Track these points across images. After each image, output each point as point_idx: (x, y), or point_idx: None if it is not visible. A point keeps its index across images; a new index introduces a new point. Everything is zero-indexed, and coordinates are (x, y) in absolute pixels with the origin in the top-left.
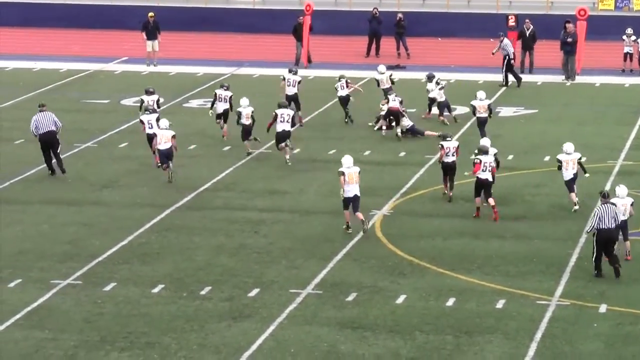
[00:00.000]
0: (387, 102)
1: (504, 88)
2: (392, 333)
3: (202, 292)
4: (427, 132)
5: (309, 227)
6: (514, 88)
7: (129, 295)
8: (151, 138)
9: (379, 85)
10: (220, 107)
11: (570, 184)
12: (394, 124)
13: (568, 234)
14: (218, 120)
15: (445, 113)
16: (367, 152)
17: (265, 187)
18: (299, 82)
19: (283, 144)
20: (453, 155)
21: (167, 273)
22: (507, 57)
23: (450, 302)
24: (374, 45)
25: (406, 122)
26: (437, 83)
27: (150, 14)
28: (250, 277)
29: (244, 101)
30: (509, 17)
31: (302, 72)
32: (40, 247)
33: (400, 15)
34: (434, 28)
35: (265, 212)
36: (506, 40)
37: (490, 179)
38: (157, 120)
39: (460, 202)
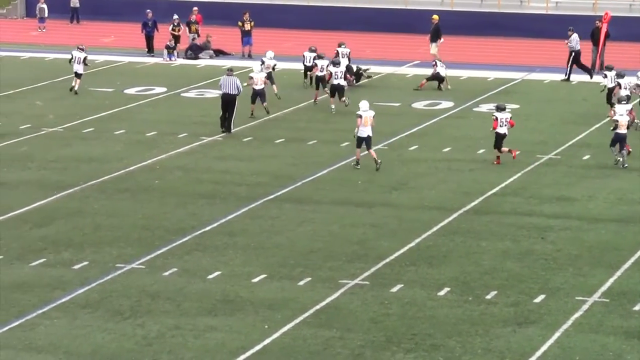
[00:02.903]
0: None
1: None
2: None
3: (488, 297)
4: None
5: (597, 235)
6: None
7: (415, 297)
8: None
9: None
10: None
11: None
12: None
13: None
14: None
15: None
16: None
17: (554, 193)
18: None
19: (344, 99)
20: None
21: (453, 276)
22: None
23: None
24: None
25: None
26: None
27: (434, 16)
28: (537, 283)
29: (257, 67)
30: None
31: (589, 77)
32: (330, 246)
33: None
34: None
35: (552, 219)
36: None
37: (507, 132)
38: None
39: None
